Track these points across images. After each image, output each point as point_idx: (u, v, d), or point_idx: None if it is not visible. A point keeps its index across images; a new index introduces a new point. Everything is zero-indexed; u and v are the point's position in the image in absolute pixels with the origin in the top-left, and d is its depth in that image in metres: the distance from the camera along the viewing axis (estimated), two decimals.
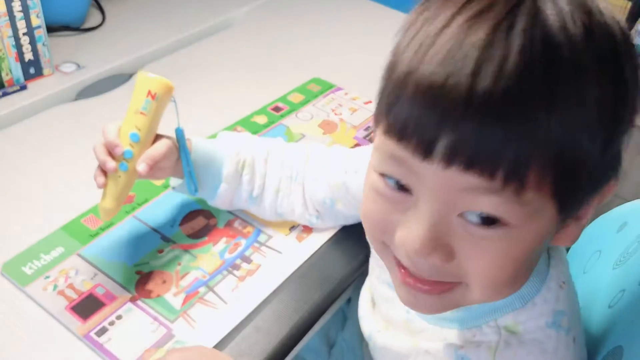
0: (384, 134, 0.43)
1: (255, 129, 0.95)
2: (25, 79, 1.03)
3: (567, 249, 0.67)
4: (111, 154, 0.67)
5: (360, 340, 0.77)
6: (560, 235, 0.46)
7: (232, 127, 0.96)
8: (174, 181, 0.76)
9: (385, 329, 0.64)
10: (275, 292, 0.72)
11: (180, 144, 0.72)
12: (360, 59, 1.15)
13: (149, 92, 0.68)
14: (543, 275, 0.52)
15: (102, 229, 0.77)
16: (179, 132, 0.72)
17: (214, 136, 0.93)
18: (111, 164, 0.66)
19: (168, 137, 0.71)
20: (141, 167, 0.67)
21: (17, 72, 1.02)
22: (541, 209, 0.40)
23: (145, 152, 0.68)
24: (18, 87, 1.01)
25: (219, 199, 0.75)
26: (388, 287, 0.64)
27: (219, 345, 0.66)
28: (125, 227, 0.77)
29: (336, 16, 1.32)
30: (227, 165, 0.73)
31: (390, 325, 0.64)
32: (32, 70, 1.04)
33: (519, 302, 0.51)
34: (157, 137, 0.71)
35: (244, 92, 1.06)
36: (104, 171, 0.68)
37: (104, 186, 0.67)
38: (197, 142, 0.74)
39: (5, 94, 1.00)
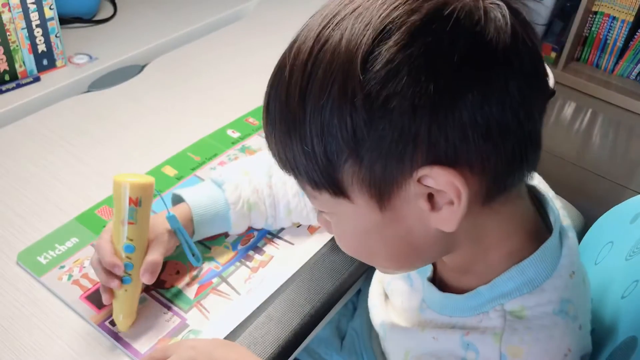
0: None
1: None
2: (39, 71, 1.04)
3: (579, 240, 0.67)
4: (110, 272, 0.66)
5: (370, 329, 0.78)
6: (436, 218, 0.47)
7: (243, 118, 0.96)
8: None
9: (397, 319, 0.65)
10: (287, 283, 0.72)
11: (176, 230, 0.70)
12: None
13: (131, 200, 0.64)
14: (554, 263, 0.52)
15: None
16: (172, 220, 0.69)
17: (224, 130, 0.93)
18: (114, 283, 0.65)
19: (157, 224, 0.69)
20: (146, 278, 0.66)
21: (31, 63, 1.03)
22: (332, 200, 0.48)
23: (145, 261, 0.66)
24: (31, 79, 1.03)
25: (236, 233, 0.78)
26: (404, 281, 0.64)
27: (232, 334, 0.67)
28: None
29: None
30: (232, 215, 0.74)
31: (402, 316, 0.64)
32: (45, 62, 1.05)
33: (527, 287, 0.51)
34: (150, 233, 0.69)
35: (256, 83, 1.05)
36: (108, 292, 0.66)
37: (110, 302, 0.66)
38: (194, 203, 0.73)
39: (19, 86, 1.01)
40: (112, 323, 0.66)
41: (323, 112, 0.43)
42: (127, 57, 1.11)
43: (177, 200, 0.75)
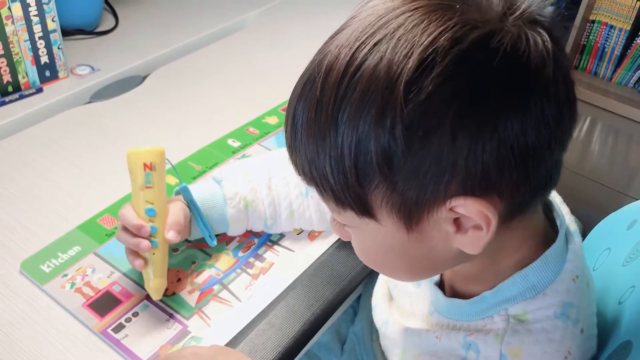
0: None
1: (267, 129, 0.97)
2: (41, 82, 1.05)
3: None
4: (137, 236, 0.68)
5: (371, 334, 0.78)
6: (461, 241, 0.48)
7: (243, 128, 0.97)
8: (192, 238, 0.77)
9: (401, 318, 0.66)
10: (287, 289, 0.73)
11: (189, 200, 0.73)
12: None
13: (145, 165, 0.68)
14: (558, 268, 0.53)
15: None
16: (185, 190, 0.73)
17: (224, 139, 0.94)
18: (145, 243, 0.67)
19: (172, 200, 0.73)
20: (171, 235, 0.68)
21: (33, 75, 1.04)
22: (356, 218, 0.48)
23: (167, 222, 0.69)
24: (34, 90, 1.04)
25: (235, 234, 0.78)
26: (411, 284, 0.65)
27: (233, 341, 0.67)
28: None
29: (344, 17, 1.32)
30: (228, 209, 0.75)
31: (409, 317, 0.65)
32: (47, 73, 1.06)
33: (530, 292, 0.52)
34: None
35: (256, 94, 1.07)
36: (135, 254, 0.68)
37: (144, 267, 0.68)
38: (194, 193, 0.74)
39: (21, 97, 1.02)
40: (115, 330, 0.67)
41: (358, 136, 0.43)
42: (129, 68, 1.12)
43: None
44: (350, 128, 0.43)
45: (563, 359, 0.52)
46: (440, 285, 0.61)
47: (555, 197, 0.61)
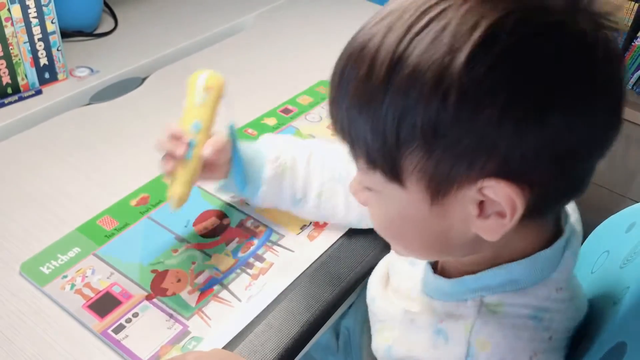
0: None
1: (265, 131, 0.97)
2: (41, 84, 1.05)
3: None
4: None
5: (362, 326, 0.78)
6: (481, 225, 0.47)
7: (242, 129, 0.97)
8: (219, 183, 0.78)
9: (389, 295, 0.66)
10: (286, 291, 0.73)
11: (232, 139, 0.74)
12: None
13: (204, 87, 0.72)
14: (546, 273, 0.53)
15: (117, 230, 0.78)
16: (232, 128, 0.74)
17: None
18: (182, 149, 0.68)
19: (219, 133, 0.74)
20: (208, 151, 0.70)
21: (33, 77, 1.04)
22: (383, 180, 0.48)
23: (209, 141, 0.71)
24: (33, 92, 1.04)
25: (262, 200, 0.77)
26: (409, 264, 0.65)
27: (232, 342, 0.67)
28: (140, 227, 0.79)
29: (343, 19, 1.33)
30: (267, 168, 0.75)
31: (394, 294, 0.65)
32: (47, 75, 1.06)
33: (511, 286, 0.52)
34: None
35: (255, 95, 1.07)
36: (169, 161, 0.70)
37: (171, 171, 0.70)
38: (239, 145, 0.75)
39: (21, 99, 1.02)
40: (115, 331, 0.67)
41: (407, 99, 0.42)
42: (128, 70, 1.12)
43: None
44: (401, 90, 0.42)
45: (528, 358, 0.52)
46: (435, 265, 0.61)
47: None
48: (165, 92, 1.08)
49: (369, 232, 0.80)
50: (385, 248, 0.79)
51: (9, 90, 1.02)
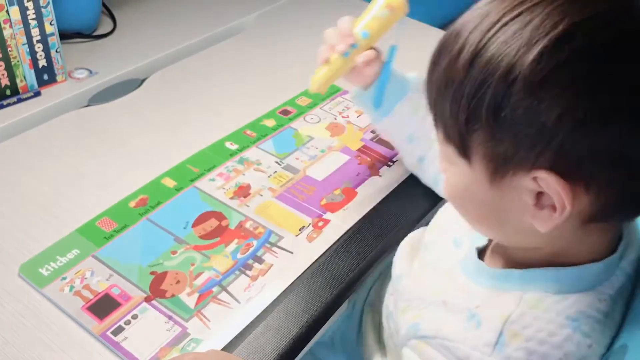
0: None
1: (264, 132, 0.97)
2: (39, 86, 1.05)
3: None
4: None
5: (358, 325, 0.79)
6: (535, 214, 0.50)
7: (241, 130, 0.97)
8: (355, 91, 0.84)
9: (418, 272, 0.68)
10: (286, 292, 0.73)
11: (388, 60, 0.80)
12: None
13: (388, 4, 0.78)
14: (593, 283, 0.53)
15: (116, 231, 0.78)
16: (393, 50, 0.80)
17: (222, 142, 0.95)
18: (343, 47, 0.76)
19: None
20: (360, 59, 0.77)
21: (31, 78, 1.04)
22: (454, 155, 0.52)
23: (366, 51, 0.78)
24: (32, 94, 1.04)
25: (383, 126, 0.84)
26: (453, 245, 0.66)
27: (231, 344, 0.67)
28: (139, 229, 0.79)
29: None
30: (405, 101, 0.81)
31: (425, 270, 0.67)
32: (45, 77, 1.06)
33: (555, 289, 0.53)
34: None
35: (254, 96, 1.07)
36: (327, 52, 0.78)
37: (325, 60, 0.79)
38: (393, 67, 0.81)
39: (19, 100, 1.02)
40: (114, 333, 0.67)
41: (481, 82, 0.46)
42: (127, 72, 1.12)
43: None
44: (477, 74, 0.46)
45: (559, 358, 0.51)
46: (483, 249, 0.62)
47: None
48: (164, 93, 1.07)
49: (368, 234, 0.80)
50: (385, 249, 0.79)
51: (8, 92, 1.02)
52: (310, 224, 0.81)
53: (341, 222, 0.81)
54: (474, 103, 0.47)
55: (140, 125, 0.99)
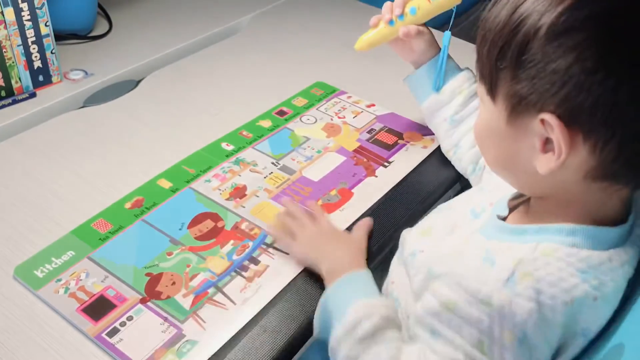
0: None
1: (260, 133, 0.97)
2: (34, 87, 1.05)
3: None
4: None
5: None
6: (539, 158, 0.55)
7: (237, 131, 0.97)
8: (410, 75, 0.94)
9: (432, 242, 0.71)
10: (281, 294, 0.73)
11: (444, 45, 0.89)
12: (363, 63, 1.16)
13: None
14: (605, 246, 0.56)
15: (112, 233, 0.78)
16: (447, 36, 0.88)
17: (218, 143, 0.95)
18: (389, 16, 0.88)
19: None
20: (402, 32, 0.87)
21: (27, 80, 1.04)
22: (484, 93, 0.60)
23: (411, 25, 0.88)
24: (27, 95, 1.03)
25: (429, 103, 0.91)
26: (472, 215, 0.70)
27: (226, 346, 0.67)
28: (135, 230, 0.79)
29: (337, 21, 1.34)
30: (453, 81, 0.89)
31: (442, 239, 0.70)
32: (40, 78, 1.05)
33: (569, 242, 0.56)
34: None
35: (250, 97, 1.07)
36: (378, 18, 0.90)
37: (374, 24, 0.90)
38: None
39: (15, 102, 1.02)
40: (109, 335, 0.66)
41: (514, 28, 0.54)
42: (122, 73, 1.12)
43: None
44: (511, 24, 0.54)
45: (563, 303, 0.53)
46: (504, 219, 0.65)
47: None
48: (159, 94, 1.07)
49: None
50: (382, 249, 0.79)
51: (3, 94, 1.01)
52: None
53: (337, 222, 0.81)
54: (505, 45, 0.54)
55: (136, 127, 0.99)
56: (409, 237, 0.74)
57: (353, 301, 0.66)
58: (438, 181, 0.92)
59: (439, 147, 0.94)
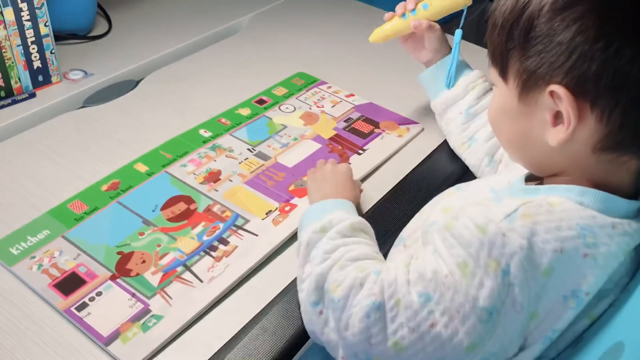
0: None
1: (239, 120, 0.99)
2: (34, 87, 1.07)
3: None
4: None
5: None
6: (550, 131, 0.59)
7: (216, 119, 0.99)
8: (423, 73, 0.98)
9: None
10: (281, 294, 0.74)
11: (455, 43, 0.92)
12: (344, 55, 1.16)
13: None
14: (613, 211, 0.58)
15: (87, 213, 0.81)
16: (459, 34, 0.92)
17: (196, 130, 0.95)
18: (402, 10, 0.93)
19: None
20: (413, 25, 0.92)
21: (26, 80, 1.06)
22: (496, 75, 0.64)
23: (422, 20, 0.92)
24: (27, 95, 1.05)
25: (442, 98, 0.94)
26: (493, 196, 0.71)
27: (226, 346, 0.68)
28: (109, 211, 0.82)
29: (335, 21, 1.35)
30: (465, 77, 0.93)
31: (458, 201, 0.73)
32: (40, 78, 1.08)
33: (577, 199, 0.59)
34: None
35: (233, 88, 1.08)
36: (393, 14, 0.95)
37: (388, 19, 0.95)
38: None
39: (14, 102, 1.04)
40: (78, 309, 0.69)
41: (520, 10, 0.58)
42: (122, 73, 1.13)
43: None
44: (519, 5, 0.59)
45: (554, 250, 0.55)
46: None
47: None
48: (159, 94, 1.08)
49: None
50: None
51: (2, 94, 1.04)
52: (277, 208, 0.83)
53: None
54: (513, 26, 0.59)
55: (136, 127, 0.99)
56: (433, 212, 0.75)
57: (332, 211, 0.72)
58: (420, 171, 0.93)
59: (416, 137, 0.95)
